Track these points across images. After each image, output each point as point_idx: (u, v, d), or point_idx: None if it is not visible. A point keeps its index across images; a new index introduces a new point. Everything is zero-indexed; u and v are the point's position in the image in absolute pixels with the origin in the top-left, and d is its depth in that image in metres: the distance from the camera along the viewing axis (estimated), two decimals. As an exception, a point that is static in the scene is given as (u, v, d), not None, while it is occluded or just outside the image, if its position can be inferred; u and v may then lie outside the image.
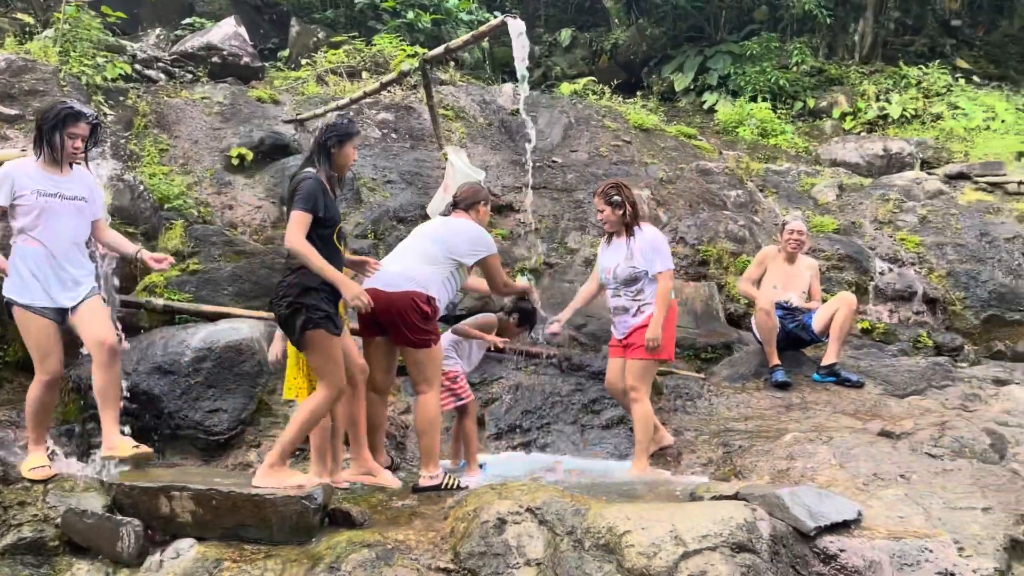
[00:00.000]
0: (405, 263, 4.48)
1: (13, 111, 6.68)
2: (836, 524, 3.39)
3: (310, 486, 3.69)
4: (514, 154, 8.89)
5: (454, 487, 4.32)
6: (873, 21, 15.55)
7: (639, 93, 14.11)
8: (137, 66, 8.93)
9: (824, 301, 6.49)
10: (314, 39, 12.12)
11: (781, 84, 14.03)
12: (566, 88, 12.91)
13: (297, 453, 4.98)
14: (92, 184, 4.29)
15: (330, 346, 3.82)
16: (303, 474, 3.98)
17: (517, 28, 6.37)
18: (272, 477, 3.75)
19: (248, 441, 4.97)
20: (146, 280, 5.76)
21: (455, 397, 4.91)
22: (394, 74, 8.30)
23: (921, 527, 3.57)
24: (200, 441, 4.91)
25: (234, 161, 7.48)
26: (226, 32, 10.10)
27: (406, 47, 10.60)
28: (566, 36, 16.30)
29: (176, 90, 8.68)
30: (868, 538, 3.36)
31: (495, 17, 6.73)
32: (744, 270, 6.92)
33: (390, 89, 9.62)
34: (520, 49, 6.36)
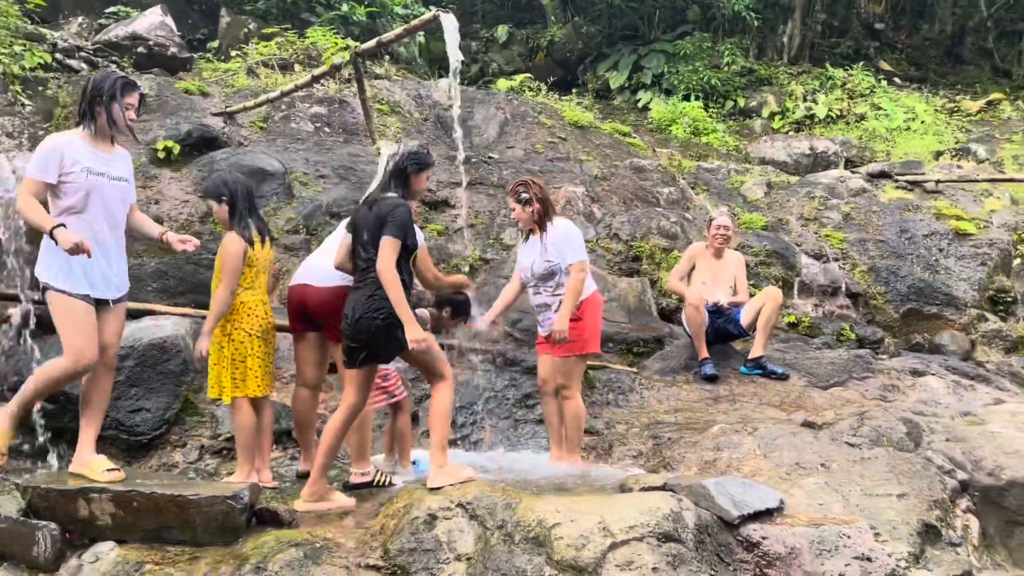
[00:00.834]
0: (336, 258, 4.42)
1: (-78, 100, 6.38)
2: (759, 512, 3.49)
3: (236, 486, 3.62)
4: (449, 150, 8.86)
5: (385, 484, 4.30)
6: (801, 23, 16.00)
7: (575, 90, 14.23)
8: (58, 55, 8.58)
9: (752, 295, 6.66)
10: (245, 30, 11.89)
11: (713, 84, 14.32)
12: (503, 84, 12.94)
13: (224, 453, 4.90)
14: (131, 165, 4.09)
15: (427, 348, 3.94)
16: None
17: (450, 23, 6.38)
18: (442, 475, 3.78)
19: (173, 441, 4.86)
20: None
21: (387, 395, 4.86)
22: (325, 67, 8.16)
23: (840, 514, 3.70)
24: (122, 442, 4.77)
25: (160, 154, 7.25)
26: (152, 21, 9.79)
27: (339, 40, 10.47)
28: (503, 32, 16.34)
29: (99, 80, 8.38)
30: (789, 525, 3.46)
31: (431, 11, 6.67)
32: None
33: (324, 82, 9.47)
34: (453, 45, 6.37)
